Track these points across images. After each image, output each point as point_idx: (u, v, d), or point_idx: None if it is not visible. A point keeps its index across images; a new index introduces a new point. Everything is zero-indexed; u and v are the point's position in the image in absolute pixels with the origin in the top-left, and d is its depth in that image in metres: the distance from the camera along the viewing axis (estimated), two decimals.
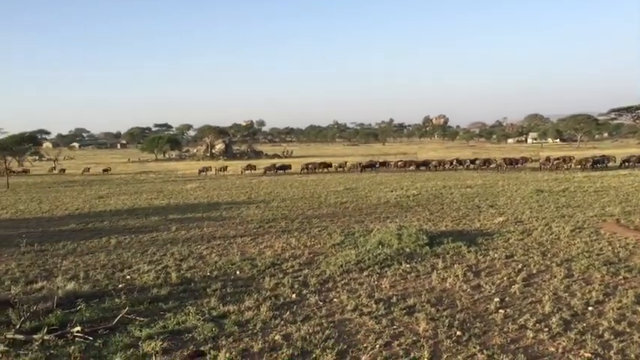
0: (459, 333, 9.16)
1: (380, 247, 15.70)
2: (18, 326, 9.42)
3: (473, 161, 60.27)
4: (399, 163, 60.82)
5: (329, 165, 62.58)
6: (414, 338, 8.96)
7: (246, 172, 62.07)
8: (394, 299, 11.12)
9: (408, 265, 13.79)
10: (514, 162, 57.23)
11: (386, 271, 13.39)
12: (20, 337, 9.12)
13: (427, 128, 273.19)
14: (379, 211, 24.83)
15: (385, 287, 12.08)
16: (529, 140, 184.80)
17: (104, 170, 74.56)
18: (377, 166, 60.96)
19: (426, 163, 60.48)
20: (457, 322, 9.68)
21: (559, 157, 55.74)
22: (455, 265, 13.65)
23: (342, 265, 13.94)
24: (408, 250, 15.32)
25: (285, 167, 62.93)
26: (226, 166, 67.27)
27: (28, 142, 64.11)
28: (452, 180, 41.07)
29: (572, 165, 52.06)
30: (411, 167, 59.91)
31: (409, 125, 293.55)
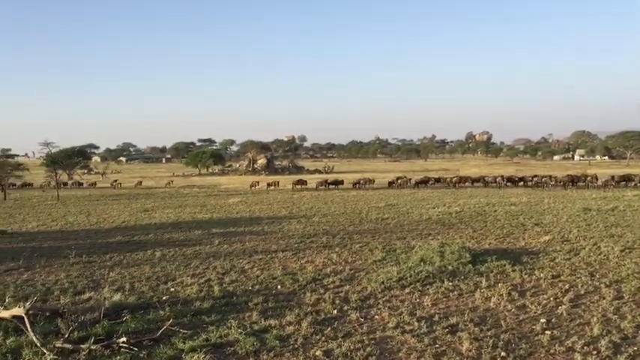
0: (503, 354, 8.97)
1: (422, 264, 15.54)
2: (66, 335, 9.68)
3: (551, 178, 55.42)
4: (454, 179, 59.72)
5: (372, 181, 62.06)
6: (457, 358, 8.82)
7: (297, 187, 61.47)
8: (436, 317, 10.99)
9: (450, 283, 13.61)
10: (575, 180, 53.74)
11: (428, 289, 13.24)
12: (68, 346, 9.37)
13: (470, 144, 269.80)
14: (421, 228, 24.61)
15: (427, 305, 11.94)
16: (576, 157, 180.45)
17: (139, 182, 76.67)
18: (431, 182, 59.83)
19: (483, 180, 58.73)
20: (501, 342, 9.49)
21: (623, 175, 53.27)
22: (499, 284, 13.41)
23: (383, 282, 13.85)
24: (450, 267, 15.12)
25: (337, 182, 61.93)
26: (278, 181, 66.72)
27: (78, 156, 66.13)
28: (495, 197, 40.39)
29: (637, 184, 49.74)
30: (467, 183, 58.15)
31: (451, 141, 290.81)
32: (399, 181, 60.59)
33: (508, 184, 56.43)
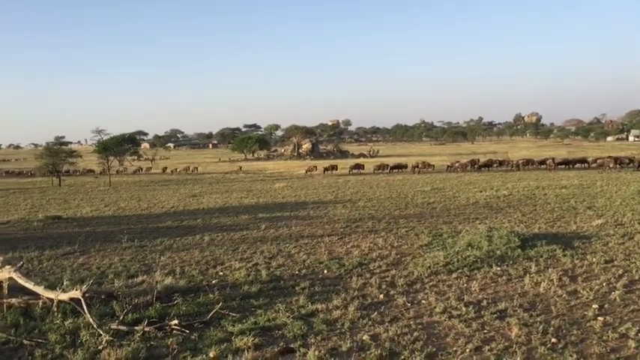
0: (554, 340, 8.81)
1: (469, 248, 15.37)
2: (121, 318, 10.02)
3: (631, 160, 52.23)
4: (521, 162, 57.10)
5: (431, 165, 60.75)
6: (506, 344, 8.71)
7: (378, 171, 59.72)
8: (484, 303, 10.87)
9: (498, 268, 13.41)
10: (620, 161, 50.98)
11: (475, 274, 13.10)
12: (123, 328, 9.70)
13: (518, 126, 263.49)
14: (468, 212, 24.30)
15: (475, 290, 11.82)
16: (630, 138, 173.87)
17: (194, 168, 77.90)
18: (495, 165, 58.11)
19: (568, 162, 55.80)
20: (552, 328, 9.32)
21: None
22: (549, 269, 13.15)
23: (430, 267, 13.78)
24: (498, 252, 14.89)
25: (400, 167, 60.48)
26: (336, 165, 66.05)
27: (128, 143, 67.70)
28: (545, 180, 39.47)
29: None
30: (543, 166, 54.95)
31: (499, 123, 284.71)
32: (457, 164, 58.96)
33: (562, 166, 54.49)
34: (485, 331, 9.35)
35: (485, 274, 13.00)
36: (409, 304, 10.99)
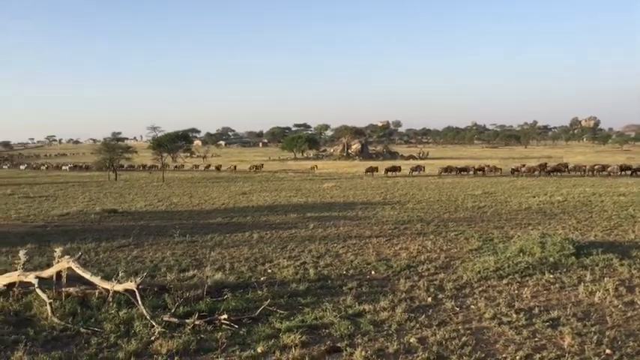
0: (608, 351, 8.54)
1: (521, 254, 15.04)
2: (173, 310, 10.27)
3: None
4: (596, 167, 54.61)
5: (498, 168, 58.70)
6: (558, 353, 8.49)
7: (445, 173, 58.54)
8: (536, 310, 10.62)
9: (551, 276, 13.08)
10: None
11: (527, 281, 12.81)
12: (175, 320, 9.94)
13: (575, 131, 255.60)
14: (520, 217, 23.78)
15: (526, 297, 11.57)
16: None
17: (256, 167, 78.25)
18: (565, 170, 55.83)
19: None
20: (607, 339, 9.03)
21: None
22: (605, 279, 12.73)
23: (479, 272, 13.55)
24: (551, 259, 14.52)
25: (467, 169, 58.66)
26: (398, 167, 63.95)
27: (182, 140, 69.14)
28: (602, 187, 38.21)
29: None
30: (604, 172, 52.49)
31: (554, 127, 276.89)
32: (523, 168, 57.09)
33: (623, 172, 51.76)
34: (537, 339, 9.13)
35: (538, 282, 12.70)
36: (458, 309, 10.85)
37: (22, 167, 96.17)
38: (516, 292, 11.99)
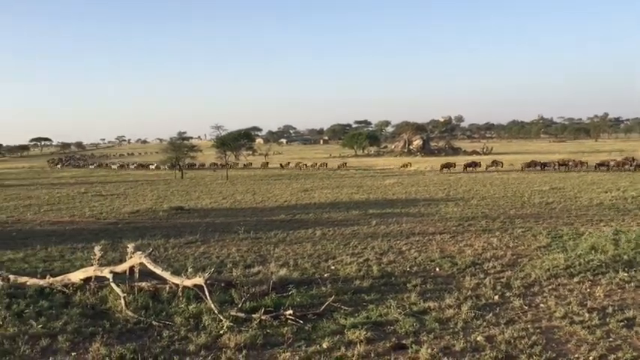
0: None
1: (592, 252, 14.52)
2: (240, 305, 10.50)
3: None
4: None
5: (585, 163, 54.95)
6: (635, 354, 8.15)
7: (528, 168, 55.47)
8: (610, 309, 10.22)
9: (626, 274, 12.55)
10: None
11: (599, 279, 12.35)
12: (242, 315, 10.16)
13: None
14: (591, 214, 22.93)
15: (599, 296, 11.15)
16: None
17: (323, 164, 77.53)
18: None
19: None
20: None
21: None
22: None
23: (548, 269, 13.17)
24: (625, 257, 13.94)
25: (547, 164, 55.42)
26: (479, 162, 60.92)
27: (244, 139, 70.39)
28: None
29: None
30: None
31: (627, 120, 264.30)
32: (612, 162, 52.86)
33: None
34: (611, 339, 8.80)
35: (611, 280, 12.22)
36: (526, 307, 10.59)
37: (91, 167, 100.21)
38: (588, 290, 11.59)
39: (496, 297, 11.31)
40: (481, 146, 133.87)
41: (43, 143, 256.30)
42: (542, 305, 10.71)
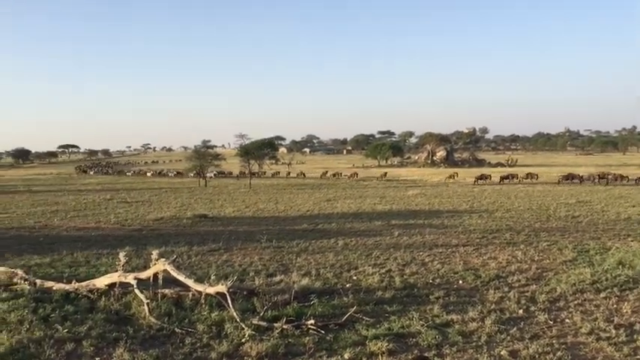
0: None
1: (620, 267, 14.26)
2: (261, 314, 10.53)
3: None
4: None
5: (624, 177, 52.87)
6: None
7: (566, 180, 54.72)
8: (637, 326, 10.02)
9: None
10: None
11: (627, 295, 12.12)
12: (263, 324, 10.18)
13: None
14: (618, 228, 22.52)
15: (626, 312, 10.93)
16: None
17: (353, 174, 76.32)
18: None
19: None
20: None
21: None
22: None
23: (574, 284, 12.97)
24: None
25: (574, 177, 54.61)
26: (516, 174, 60.05)
27: (268, 147, 70.72)
28: None
29: None
30: None
31: None
32: (608, 176, 51.76)
33: None
34: (639, 356, 8.62)
35: (639, 296, 11.97)
36: (551, 322, 10.43)
37: (128, 174, 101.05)
38: (615, 306, 11.36)
39: (520, 311, 11.15)
40: (506, 158, 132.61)
41: (70, 150, 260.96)
42: (567, 320, 10.53)
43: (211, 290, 11.28)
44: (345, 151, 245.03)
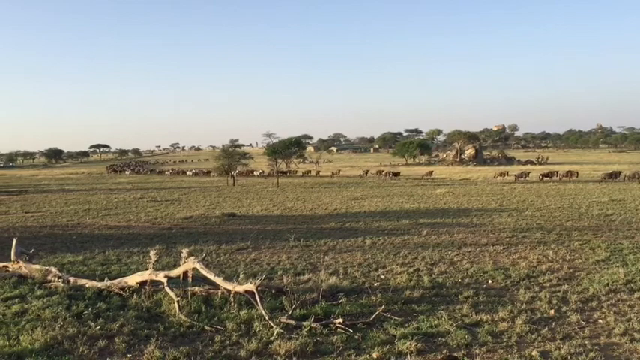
0: None
1: None
2: (290, 312, 10.58)
3: None
4: None
5: None
6: None
7: (610, 179, 52.72)
8: None
9: None
10: None
11: None
12: (292, 322, 10.23)
13: None
14: None
15: None
16: None
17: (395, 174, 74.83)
18: None
19: None
20: None
21: None
22: None
23: (607, 284, 12.74)
24: None
25: (617, 175, 52.22)
26: (556, 171, 58.16)
27: (295, 146, 70.87)
28: None
29: None
30: None
31: None
32: None
33: None
34: None
35: None
36: (584, 322, 10.26)
37: (167, 173, 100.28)
38: None
39: (552, 311, 10.99)
40: (536, 156, 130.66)
41: (101, 150, 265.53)
42: (600, 321, 10.35)
43: (240, 288, 11.36)
44: (372, 150, 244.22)
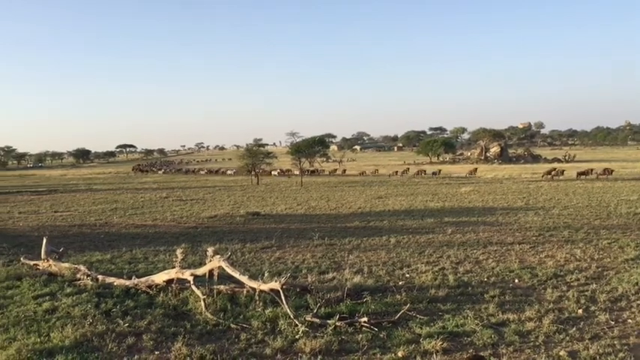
0: None
1: None
2: (315, 311, 10.61)
3: None
4: None
5: None
6: None
7: None
8: None
9: None
10: None
11: None
12: (317, 320, 10.27)
13: None
14: None
15: None
16: None
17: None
18: None
19: None
20: None
21: None
22: None
23: (637, 283, 12.54)
24: None
25: None
26: (591, 169, 56.55)
27: (318, 145, 70.88)
28: None
29: None
30: None
31: None
32: None
33: None
34: None
35: None
36: (613, 323, 10.11)
37: (202, 172, 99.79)
38: None
39: (580, 311, 10.85)
40: (563, 153, 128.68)
41: (127, 150, 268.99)
42: (630, 321, 10.18)
43: (265, 287, 11.43)
44: (395, 148, 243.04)
